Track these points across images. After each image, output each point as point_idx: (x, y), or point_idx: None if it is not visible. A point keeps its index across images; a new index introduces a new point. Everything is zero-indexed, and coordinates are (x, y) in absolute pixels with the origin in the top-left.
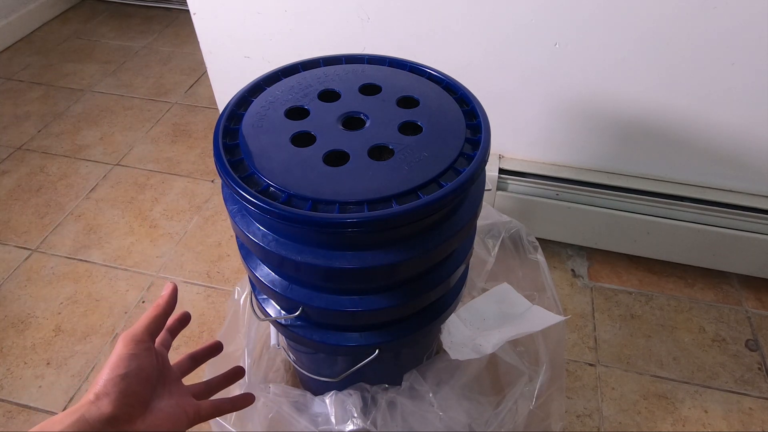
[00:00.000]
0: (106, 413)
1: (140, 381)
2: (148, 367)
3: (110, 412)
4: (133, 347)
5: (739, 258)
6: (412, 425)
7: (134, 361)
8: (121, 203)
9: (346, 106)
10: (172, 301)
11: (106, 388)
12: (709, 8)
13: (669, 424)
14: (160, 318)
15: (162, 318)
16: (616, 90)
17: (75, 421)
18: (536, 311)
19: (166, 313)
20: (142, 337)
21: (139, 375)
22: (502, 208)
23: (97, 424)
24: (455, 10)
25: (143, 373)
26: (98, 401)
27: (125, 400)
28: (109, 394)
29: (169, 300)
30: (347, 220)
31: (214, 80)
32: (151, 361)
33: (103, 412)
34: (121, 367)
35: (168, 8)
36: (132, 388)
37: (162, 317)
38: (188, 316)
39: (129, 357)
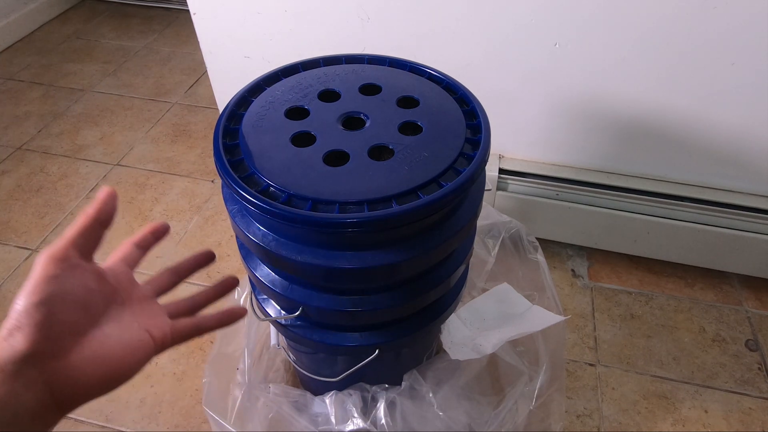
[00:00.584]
0: (21, 350)
1: (66, 307)
2: (77, 289)
3: (26, 349)
4: (52, 268)
5: (739, 258)
6: (412, 425)
7: (54, 285)
8: (121, 203)
9: (346, 106)
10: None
11: (19, 320)
12: (709, 8)
13: (669, 424)
14: (91, 228)
15: (94, 228)
16: (616, 90)
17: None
18: (536, 311)
19: (100, 221)
20: (65, 254)
21: (63, 300)
22: (502, 208)
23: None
24: (455, 10)
25: (70, 296)
26: (10, 337)
27: (45, 332)
28: (23, 327)
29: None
30: (347, 220)
31: (214, 80)
32: (81, 281)
33: (16, 350)
34: (36, 293)
35: (168, 8)
36: (53, 317)
37: (93, 227)
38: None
39: (47, 280)
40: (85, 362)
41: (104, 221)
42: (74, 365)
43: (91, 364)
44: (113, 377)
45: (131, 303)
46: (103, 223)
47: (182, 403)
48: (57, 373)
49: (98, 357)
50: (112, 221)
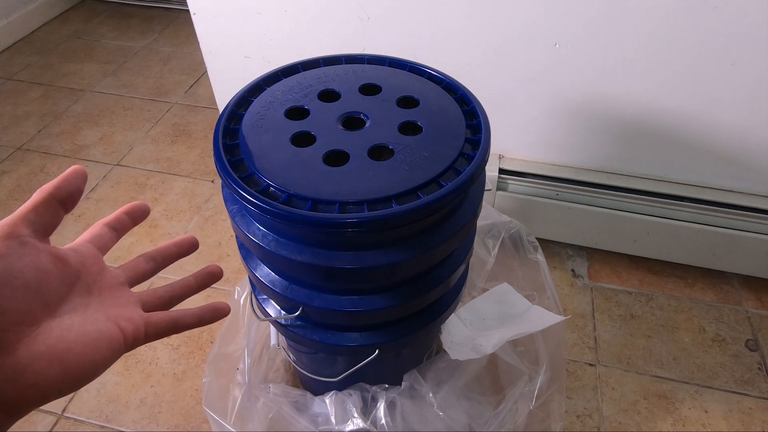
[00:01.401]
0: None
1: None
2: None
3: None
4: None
5: (739, 258)
6: (412, 425)
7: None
8: (121, 203)
9: (346, 106)
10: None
11: None
12: (709, 8)
13: (669, 424)
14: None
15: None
16: (616, 90)
17: None
18: (536, 311)
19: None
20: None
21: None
22: (502, 208)
23: None
24: (455, 10)
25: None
26: None
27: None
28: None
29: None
30: (347, 220)
31: (214, 80)
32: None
33: None
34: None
35: (168, 8)
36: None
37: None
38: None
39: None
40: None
41: (64, 199)
42: (23, 362)
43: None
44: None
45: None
46: (63, 201)
47: (182, 403)
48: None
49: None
50: (75, 202)
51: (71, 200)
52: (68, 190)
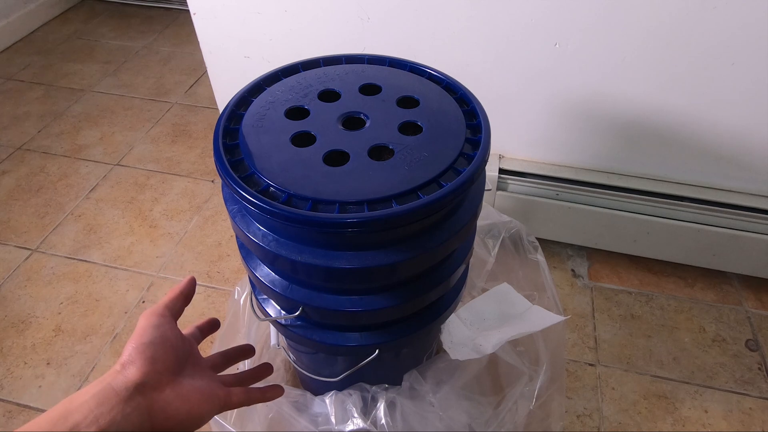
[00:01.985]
0: (133, 380)
1: (165, 349)
2: (173, 337)
3: (137, 379)
4: (154, 319)
5: (739, 258)
6: (412, 425)
7: (157, 331)
8: (121, 203)
9: (346, 106)
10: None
11: (131, 356)
12: (709, 8)
13: (669, 424)
14: (178, 298)
15: (180, 299)
16: (616, 90)
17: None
18: (536, 311)
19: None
20: (162, 311)
21: (164, 343)
22: (502, 208)
23: (124, 392)
24: (455, 11)
25: (168, 341)
26: (124, 370)
27: (152, 366)
28: (135, 361)
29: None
30: (347, 220)
31: (214, 80)
32: (174, 332)
33: (129, 379)
34: (144, 336)
35: (168, 8)
36: (158, 355)
37: (180, 298)
38: (217, 322)
39: (151, 327)
40: (175, 398)
41: (187, 297)
42: (168, 399)
43: (180, 401)
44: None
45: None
46: (186, 298)
47: None
48: (156, 403)
49: (184, 396)
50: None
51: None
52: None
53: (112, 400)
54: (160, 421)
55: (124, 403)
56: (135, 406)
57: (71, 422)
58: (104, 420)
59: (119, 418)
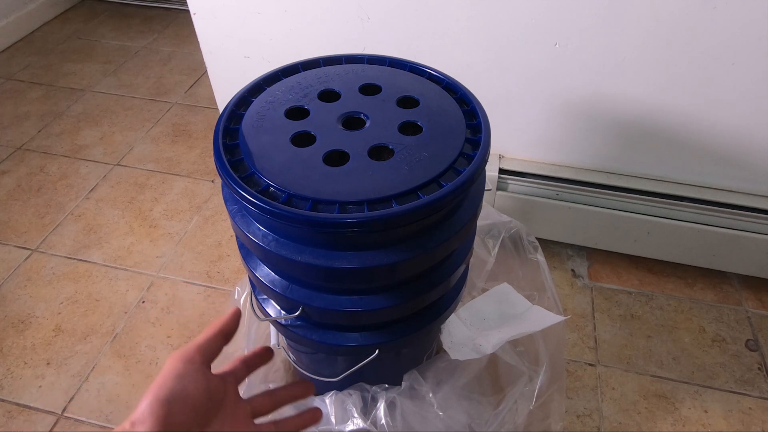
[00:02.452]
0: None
1: (185, 408)
2: (197, 393)
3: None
4: (179, 366)
5: (739, 258)
6: (412, 425)
7: (179, 384)
8: (121, 203)
9: (346, 106)
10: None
11: (143, 414)
12: (709, 8)
13: (669, 424)
14: (216, 339)
15: (218, 339)
16: (616, 90)
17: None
18: (536, 311)
19: (224, 333)
20: (192, 357)
21: (184, 401)
22: (502, 208)
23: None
24: (455, 10)
25: (189, 399)
26: (132, 428)
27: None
28: (145, 421)
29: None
30: (347, 220)
31: (214, 80)
32: (201, 385)
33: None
34: (163, 390)
35: (168, 8)
36: (173, 414)
37: (218, 338)
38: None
39: (174, 377)
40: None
41: (227, 335)
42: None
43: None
44: None
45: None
46: (226, 336)
47: None
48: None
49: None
50: (233, 336)
51: (231, 335)
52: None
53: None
54: None
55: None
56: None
57: None
58: None
59: None
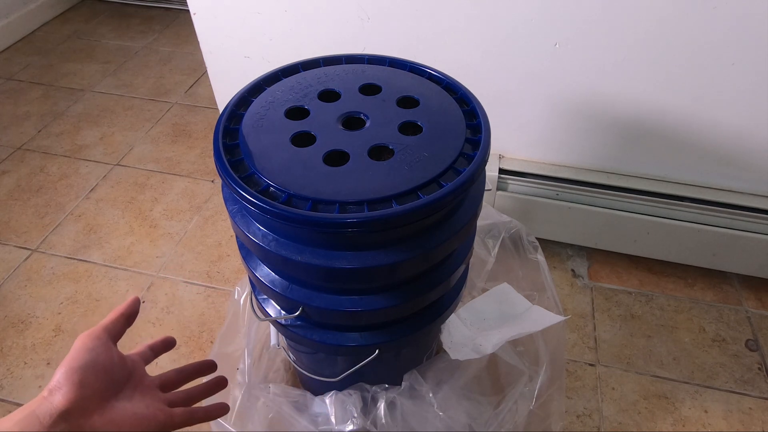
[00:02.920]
0: (58, 407)
1: (96, 374)
2: (105, 362)
3: (62, 406)
4: (88, 342)
5: (739, 258)
6: (412, 425)
7: (89, 355)
8: (121, 203)
9: (346, 106)
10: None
11: (59, 382)
12: (709, 8)
13: (669, 424)
14: (119, 320)
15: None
16: (616, 90)
17: (24, 417)
18: (536, 311)
19: (125, 316)
20: (99, 334)
21: (94, 368)
22: (502, 208)
23: (47, 419)
24: (455, 10)
25: (99, 366)
26: (50, 396)
27: (79, 392)
28: (62, 387)
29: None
30: (347, 220)
31: (214, 80)
32: (108, 356)
33: (54, 407)
34: (75, 360)
35: (168, 8)
36: (87, 381)
37: (120, 320)
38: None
39: (84, 350)
40: (105, 424)
41: (129, 317)
42: (96, 425)
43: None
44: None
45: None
46: (128, 319)
47: None
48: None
49: (115, 422)
50: (134, 320)
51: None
52: (132, 313)
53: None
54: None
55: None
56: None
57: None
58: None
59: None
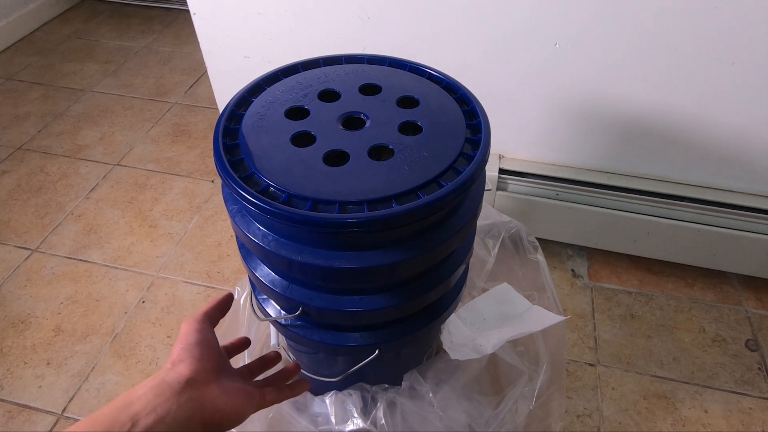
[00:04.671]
0: (184, 375)
1: (209, 350)
2: (213, 340)
3: (188, 374)
4: (195, 325)
5: (739, 258)
6: (412, 425)
7: (199, 335)
8: (121, 203)
9: (346, 106)
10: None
11: (181, 355)
12: (708, 8)
13: (669, 424)
14: (215, 309)
15: (217, 310)
16: (616, 90)
17: (157, 384)
18: (536, 311)
19: (220, 308)
20: (202, 318)
21: (207, 345)
22: (502, 208)
23: (177, 385)
24: (455, 10)
25: (210, 344)
26: (175, 367)
27: (198, 364)
28: (184, 360)
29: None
30: (347, 220)
31: (214, 80)
32: (213, 336)
33: (181, 375)
34: (189, 338)
35: (168, 8)
36: (203, 355)
37: (216, 309)
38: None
39: (193, 331)
40: (221, 393)
41: (222, 310)
42: (215, 394)
43: (225, 396)
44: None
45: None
46: (222, 311)
47: None
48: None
49: (228, 393)
50: (227, 312)
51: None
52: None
53: (166, 392)
54: (209, 413)
55: (177, 395)
56: (187, 398)
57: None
58: (161, 409)
59: (174, 408)
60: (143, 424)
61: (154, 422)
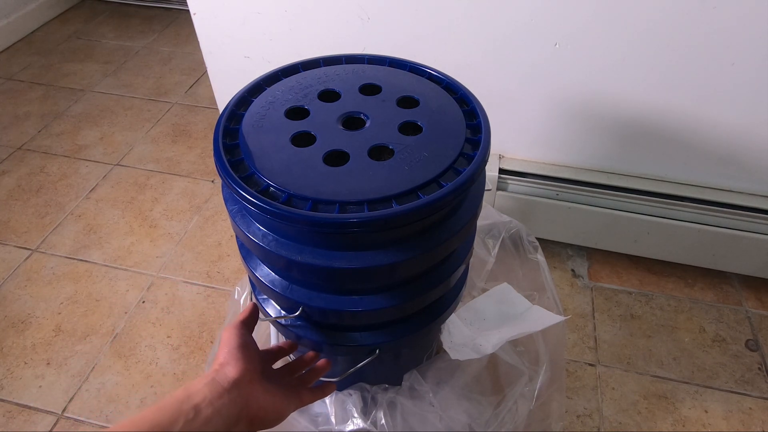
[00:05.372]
0: (232, 376)
1: (251, 353)
2: (253, 344)
3: (234, 375)
4: (235, 331)
5: (739, 258)
6: (412, 425)
7: (240, 339)
8: (121, 203)
9: (346, 106)
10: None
11: (227, 358)
12: (708, 8)
13: (669, 424)
14: (250, 317)
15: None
16: (616, 90)
17: (210, 381)
18: (536, 311)
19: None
20: (241, 325)
21: (249, 349)
22: (502, 208)
23: (226, 384)
24: (455, 10)
25: (251, 347)
26: (222, 369)
27: (243, 366)
28: (229, 362)
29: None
30: (347, 220)
31: (214, 80)
32: (253, 341)
33: (228, 376)
34: (232, 343)
35: (168, 8)
36: (246, 358)
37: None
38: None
39: (235, 337)
40: (264, 393)
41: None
42: (258, 393)
43: (268, 396)
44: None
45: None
46: (255, 318)
47: None
48: (251, 395)
49: (270, 393)
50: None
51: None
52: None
53: (219, 389)
54: (254, 410)
55: (227, 393)
56: (236, 396)
57: (193, 402)
58: (217, 404)
59: (227, 403)
60: (204, 414)
61: (212, 414)
